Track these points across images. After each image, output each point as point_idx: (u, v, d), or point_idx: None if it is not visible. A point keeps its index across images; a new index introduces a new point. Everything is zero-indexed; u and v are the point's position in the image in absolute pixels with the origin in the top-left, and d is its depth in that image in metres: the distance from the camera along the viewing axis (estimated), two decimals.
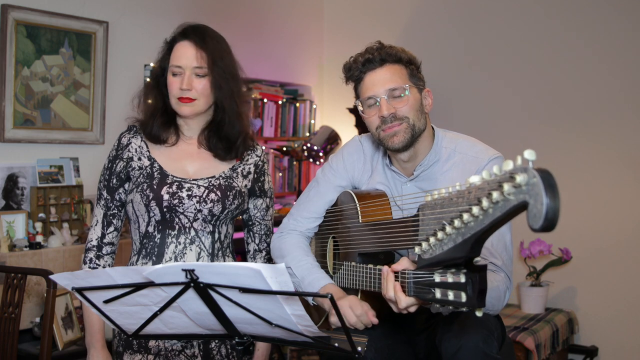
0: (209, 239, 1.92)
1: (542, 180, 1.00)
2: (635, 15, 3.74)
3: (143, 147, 1.96)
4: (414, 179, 1.91)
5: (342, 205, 2.02)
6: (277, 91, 4.62)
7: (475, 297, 1.25)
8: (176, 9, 3.89)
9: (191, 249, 1.89)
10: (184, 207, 1.87)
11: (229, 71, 1.91)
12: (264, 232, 2.08)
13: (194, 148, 1.98)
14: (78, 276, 1.35)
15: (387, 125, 1.82)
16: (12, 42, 3.16)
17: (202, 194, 1.89)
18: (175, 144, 1.97)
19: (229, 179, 1.96)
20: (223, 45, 1.94)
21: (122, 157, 1.95)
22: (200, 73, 1.87)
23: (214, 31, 1.96)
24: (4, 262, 2.83)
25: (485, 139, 1.93)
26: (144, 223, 1.90)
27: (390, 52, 1.86)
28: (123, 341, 1.92)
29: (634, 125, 3.74)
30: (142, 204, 1.88)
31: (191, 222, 1.89)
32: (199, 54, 1.87)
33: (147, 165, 1.93)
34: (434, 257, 1.32)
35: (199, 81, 1.87)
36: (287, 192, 4.68)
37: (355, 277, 1.82)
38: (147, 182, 1.89)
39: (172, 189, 1.88)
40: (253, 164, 2.03)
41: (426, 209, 1.37)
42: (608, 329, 3.81)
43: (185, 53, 1.88)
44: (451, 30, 4.37)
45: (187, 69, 1.87)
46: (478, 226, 1.15)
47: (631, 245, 3.73)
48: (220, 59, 1.90)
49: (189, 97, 1.87)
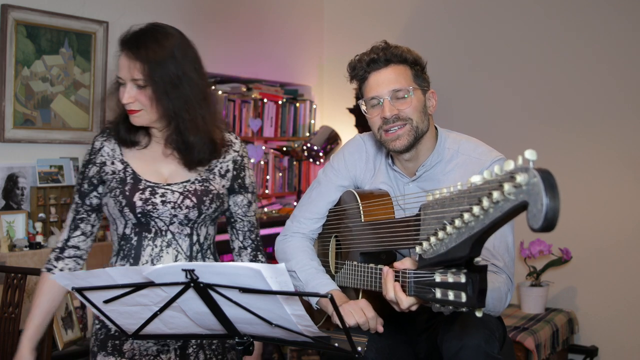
0: (187, 241, 1.87)
1: (542, 181, 1.00)
2: (635, 15, 3.74)
3: (116, 150, 1.89)
4: (416, 179, 1.90)
5: (344, 204, 2.01)
6: (277, 91, 4.62)
7: (476, 297, 1.25)
8: (176, 9, 3.89)
9: (168, 251, 1.85)
10: (159, 212, 1.82)
11: (173, 78, 1.77)
12: (247, 228, 2.00)
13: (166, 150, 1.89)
14: (78, 276, 1.35)
15: (389, 125, 1.82)
16: (12, 42, 3.16)
17: (176, 200, 1.83)
18: (147, 146, 1.90)
19: (205, 182, 1.88)
20: (168, 48, 1.78)
21: (94, 161, 1.89)
22: (139, 84, 1.76)
23: (156, 32, 1.81)
24: (4, 262, 2.83)
25: (485, 139, 1.93)
26: (121, 225, 1.86)
27: (395, 52, 1.85)
28: (99, 341, 1.88)
29: (634, 125, 3.74)
30: (115, 209, 1.83)
31: (167, 225, 1.84)
32: (133, 65, 1.75)
33: (121, 169, 1.86)
34: (435, 257, 1.32)
35: (141, 92, 1.77)
36: (287, 192, 4.68)
37: (357, 277, 1.82)
38: (120, 187, 1.83)
39: (145, 195, 1.82)
40: (231, 160, 1.94)
41: (427, 208, 1.37)
42: (608, 329, 3.81)
43: (122, 64, 1.78)
44: (451, 30, 4.37)
45: (127, 80, 1.78)
46: (479, 226, 1.16)
47: (631, 245, 3.73)
48: (159, 66, 1.75)
49: (133, 109, 1.79)
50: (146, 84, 1.76)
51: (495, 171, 1.11)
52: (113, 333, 1.85)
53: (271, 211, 4.41)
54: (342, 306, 1.77)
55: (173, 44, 1.80)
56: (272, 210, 4.44)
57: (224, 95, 4.17)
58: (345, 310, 1.75)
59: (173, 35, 1.82)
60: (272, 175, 4.54)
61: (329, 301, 1.26)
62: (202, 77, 1.85)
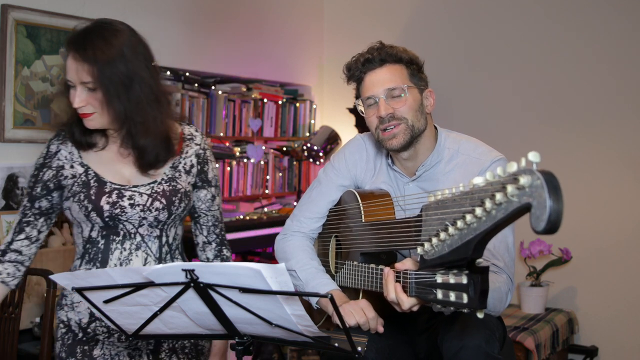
0: (156, 243, 1.82)
1: (545, 183, 1.00)
2: (635, 15, 3.74)
3: (74, 153, 1.82)
4: (416, 179, 1.91)
5: (345, 204, 2.01)
6: (277, 91, 4.62)
7: (477, 298, 1.25)
8: (176, 9, 3.88)
9: (137, 254, 1.80)
10: (127, 215, 1.77)
11: (123, 79, 1.69)
12: (211, 223, 1.96)
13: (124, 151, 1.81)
14: (78, 276, 1.35)
15: (385, 124, 1.83)
16: (12, 42, 3.16)
17: (145, 203, 1.77)
18: (105, 147, 1.82)
19: (172, 181, 1.83)
20: (117, 47, 1.69)
21: (50, 165, 1.82)
22: (89, 87, 1.68)
23: (104, 30, 1.72)
24: None
25: (485, 139, 1.93)
26: (87, 228, 1.80)
27: (390, 52, 1.85)
28: (66, 347, 1.83)
29: (634, 125, 3.74)
30: (81, 213, 1.77)
31: (136, 228, 1.79)
32: (81, 67, 1.66)
33: (81, 172, 1.79)
34: (436, 258, 1.32)
35: (92, 95, 1.69)
36: (287, 192, 4.68)
37: (357, 277, 1.82)
38: (84, 191, 1.76)
39: (112, 198, 1.76)
40: (194, 154, 1.89)
41: (429, 209, 1.37)
42: (608, 329, 3.81)
43: (70, 66, 1.69)
44: (451, 31, 4.37)
45: (77, 84, 1.69)
46: (481, 227, 1.15)
47: (631, 245, 3.73)
48: (109, 67, 1.66)
49: (86, 112, 1.71)
50: (96, 86, 1.68)
51: (497, 172, 1.11)
52: (81, 338, 1.81)
53: (271, 211, 4.41)
54: (343, 306, 1.77)
55: (122, 42, 1.70)
56: (272, 210, 4.44)
57: (224, 95, 4.17)
58: (345, 310, 1.75)
59: (122, 32, 1.73)
60: (272, 175, 4.54)
61: (329, 301, 1.26)
62: (153, 75, 1.76)
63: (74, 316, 1.82)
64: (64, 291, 1.86)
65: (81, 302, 1.80)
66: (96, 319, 1.80)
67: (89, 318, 1.81)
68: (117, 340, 1.81)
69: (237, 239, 3.82)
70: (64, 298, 1.85)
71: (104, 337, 1.81)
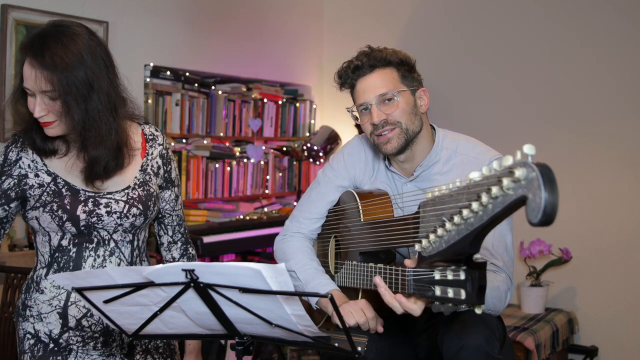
0: (129, 247, 1.80)
1: (541, 175, 1.00)
2: (635, 15, 3.74)
3: (37, 161, 1.73)
4: (414, 179, 1.91)
5: (344, 204, 2.02)
6: (277, 91, 4.62)
7: (475, 294, 1.26)
8: (176, 9, 3.88)
9: (111, 260, 1.77)
10: (104, 223, 1.73)
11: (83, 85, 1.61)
12: (176, 222, 1.94)
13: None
14: (78, 276, 1.35)
15: (379, 130, 1.84)
16: (12, 42, 3.16)
17: (122, 210, 1.73)
18: (68, 153, 1.74)
19: (145, 185, 1.79)
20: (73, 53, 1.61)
21: (11, 174, 1.72)
22: (50, 96, 1.61)
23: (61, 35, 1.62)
24: (4, 262, 2.83)
25: (485, 139, 1.93)
26: (56, 237, 1.74)
27: (378, 56, 1.85)
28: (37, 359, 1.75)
29: (634, 125, 3.74)
30: (53, 223, 1.70)
31: (111, 234, 1.76)
32: (41, 75, 1.58)
33: (49, 181, 1.72)
34: (434, 255, 1.32)
35: (53, 104, 1.62)
36: (287, 192, 4.68)
37: (356, 276, 1.82)
38: (57, 201, 1.69)
39: (88, 207, 1.70)
40: (158, 155, 1.85)
41: (427, 206, 1.38)
42: (608, 329, 3.81)
43: (29, 74, 1.60)
44: (451, 30, 4.37)
45: (37, 92, 1.61)
46: (477, 222, 1.16)
47: (631, 245, 3.73)
48: (68, 74, 1.59)
49: (47, 120, 1.64)
50: (56, 95, 1.61)
51: (493, 167, 1.12)
52: (52, 348, 1.75)
53: (271, 211, 4.41)
54: (342, 306, 1.77)
55: (81, 47, 1.62)
56: (272, 210, 4.44)
57: (224, 95, 4.17)
58: (345, 311, 1.75)
59: (79, 35, 1.64)
60: (272, 175, 4.54)
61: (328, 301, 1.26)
62: (112, 80, 1.70)
63: (42, 327, 1.75)
64: (27, 301, 1.78)
65: (50, 314, 1.74)
66: (69, 329, 1.75)
67: (60, 329, 1.75)
68: (92, 348, 1.76)
69: (237, 239, 3.83)
70: (28, 309, 1.77)
71: (77, 347, 1.76)
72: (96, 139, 1.66)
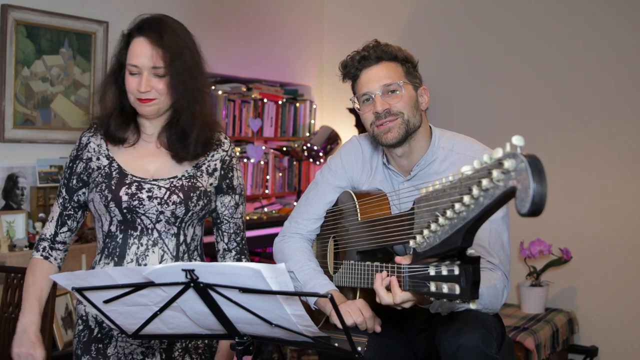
0: (173, 241, 1.82)
1: (529, 165, 1.01)
2: (635, 15, 3.74)
3: (102, 145, 1.87)
4: (411, 178, 1.91)
5: (341, 205, 2.02)
6: (277, 91, 4.62)
7: (469, 289, 1.26)
8: (176, 9, 3.88)
9: (154, 250, 1.80)
10: (145, 208, 1.79)
11: (189, 68, 1.78)
12: (233, 230, 1.95)
13: (154, 147, 1.87)
14: (78, 276, 1.35)
15: (381, 120, 1.84)
16: (12, 42, 3.16)
17: (163, 196, 1.79)
18: (135, 144, 1.87)
19: (192, 178, 1.85)
20: (183, 39, 1.80)
21: (81, 157, 1.87)
22: (158, 73, 1.75)
23: (173, 22, 1.82)
24: (4, 262, 2.83)
25: (485, 139, 1.93)
26: (106, 222, 1.83)
27: (386, 50, 1.87)
28: (82, 344, 1.84)
29: (634, 125, 3.74)
30: (101, 204, 1.80)
31: (154, 223, 1.80)
32: (156, 52, 1.74)
33: (106, 164, 1.84)
34: (428, 250, 1.33)
35: (158, 81, 1.76)
36: (287, 192, 4.68)
37: (354, 275, 1.82)
38: (106, 182, 1.80)
39: (131, 190, 1.79)
40: (219, 159, 1.91)
41: (421, 202, 1.38)
42: (608, 329, 3.81)
43: (141, 51, 1.75)
44: (451, 31, 4.37)
45: (145, 69, 1.75)
46: (469, 215, 1.17)
47: (631, 245, 3.73)
48: (179, 56, 1.76)
49: (149, 97, 1.76)
50: (166, 72, 1.75)
51: (484, 160, 1.12)
52: (96, 335, 1.82)
53: (271, 211, 4.41)
54: (340, 306, 1.77)
55: (187, 35, 1.82)
56: (272, 210, 4.44)
57: (224, 95, 4.17)
58: (342, 310, 1.75)
59: (184, 27, 1.84)
60: (272, 175, 4.54)
61: (327, 301, 1.26)
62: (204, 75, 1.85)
63: (91, 310, 1.83)
64: None
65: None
66: None
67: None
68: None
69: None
70: None
71: (117, 334, 1.81)
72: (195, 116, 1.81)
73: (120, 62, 1.82)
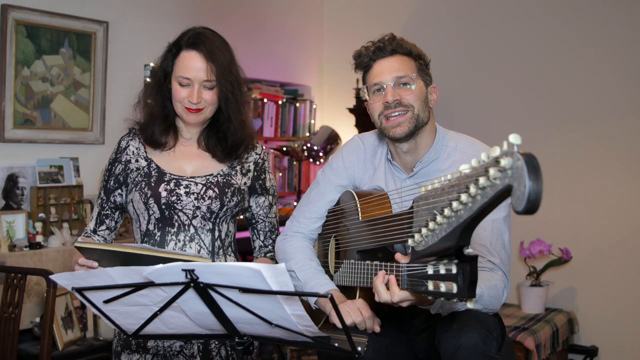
0: (209, 236, 1.93)
1: (525, 164, 1.01)
2: (635, 15, 3.74)
3: (141, 148, 1.99)
4: (413, 175, 1.91)
5: (343, 204, 2.02)
6: (277, 91, 4.62)
7: (466, 287, 1.26)
8: (176, 9, 3.89)
9: (191, 246, 1.90)
10: (182, 204, 1.89)
11: (236, 80, 1.92)
12: (268, 229, 2.09)
13: (192, 149, 2.00)
14: (78, 276, 1.35)
15: (390, 110, 1.83)
16: (12, 42, 3.16)
17: (199, 191, 1.91)
18: (173, 147, 2.00)
19: (227, 176, 1.98)
20: (229, 52, 1.94)
21: (120, 160, 1.98)
22: (208, 86, 1.88)
23: (218, 37, 1.95)
24: (4, 262, 2.83)
25: (485, 139, 1.94)
26: (144, 221, 1.93)
27: (401, 43, 1.90)
28: (122, 341, 1.92)
29: (634, 125, 3.74)
30: (141, 202, 1.90)
31: (190, 219, 1.91)
32: (209, 67, 1.87)
33: (144, 165, 1.96)
34: (426, 249, 1.33)
35: (208, 93, 1.89)
36: (287, 192, 4.68)
37: (354, 275, 1.82)
38: (145, 180, 1.92)
39: (170, 186, 1.90)
40: (253, 162, 2.05)
41: (420, 200, 1.38)
42: (608, 329, 3.81)
43: (194, 65, 1.87)
44: (451, 30, 4.37)
45: (196, 81, 1.87)
46: (467, 213, 1.17)
47: (631, 245, 3.73)
48: (229, 70, 1.90)
49: (199, 107, 1.89)
50: (214, 85, 1.88)
51: (482, 158, 1.13)
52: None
53: None
54: (339, 305, 1.77)
55: (229, 48, 1.95)
56: None
57: None
58: (342, 310, 1.75)
59: (225, 40, 1.97)
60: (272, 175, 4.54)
61: (327, 300, 1.26)
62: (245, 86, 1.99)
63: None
64: None
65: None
66: None
67: None
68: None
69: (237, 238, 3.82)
70: None
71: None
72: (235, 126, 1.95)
73: (165, 71, 1.93)
